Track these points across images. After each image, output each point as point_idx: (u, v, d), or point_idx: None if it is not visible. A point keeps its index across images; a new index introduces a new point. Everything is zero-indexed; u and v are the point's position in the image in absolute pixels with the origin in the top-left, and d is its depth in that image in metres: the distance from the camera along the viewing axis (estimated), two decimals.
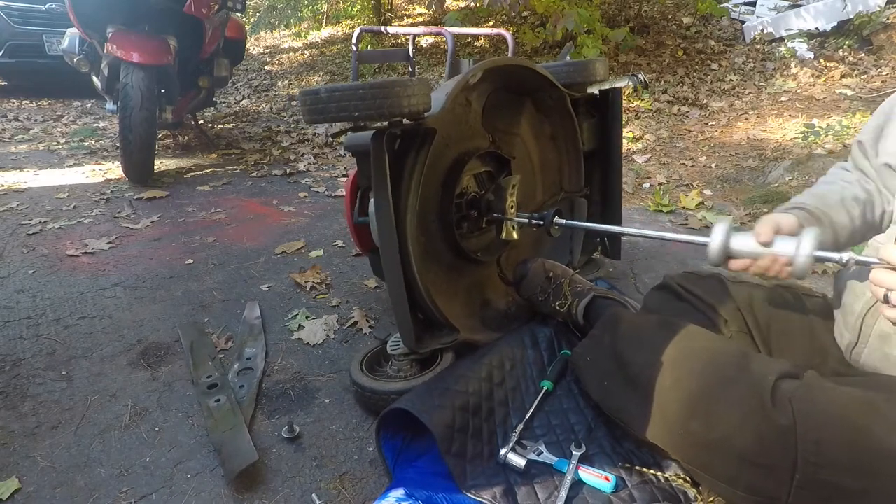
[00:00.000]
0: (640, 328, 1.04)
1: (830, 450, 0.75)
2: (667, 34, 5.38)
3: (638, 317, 1.13)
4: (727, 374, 0.86)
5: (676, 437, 0.88)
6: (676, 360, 0.92)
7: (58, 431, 1.20)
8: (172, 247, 2.20)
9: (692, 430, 0.85)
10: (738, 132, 3.62)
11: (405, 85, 1.02)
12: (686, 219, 2.40)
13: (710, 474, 0.85)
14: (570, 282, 1.37)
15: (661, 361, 0.93)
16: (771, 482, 0.78)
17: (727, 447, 0.81)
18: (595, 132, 1.72)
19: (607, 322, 1.11)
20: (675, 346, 0.94)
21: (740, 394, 0.82)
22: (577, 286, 1.36)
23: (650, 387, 0.92)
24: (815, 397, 0.80)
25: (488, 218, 1.42)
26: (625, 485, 0.95)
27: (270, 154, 3.73)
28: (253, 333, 1.56)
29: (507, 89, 1.49)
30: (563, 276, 1.38)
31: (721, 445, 0.82)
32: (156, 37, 2.93)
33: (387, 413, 1.04)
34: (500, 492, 0.94)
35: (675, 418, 0.88)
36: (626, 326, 1.06)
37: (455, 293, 1.39)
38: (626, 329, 1.05)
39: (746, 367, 0.86)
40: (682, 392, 0.88)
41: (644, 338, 1.00)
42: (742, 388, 0.83)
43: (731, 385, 0.84)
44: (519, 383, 1.21)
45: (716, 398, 0.84)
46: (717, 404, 0.83)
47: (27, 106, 5.45)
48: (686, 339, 0.96)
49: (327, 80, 6.54)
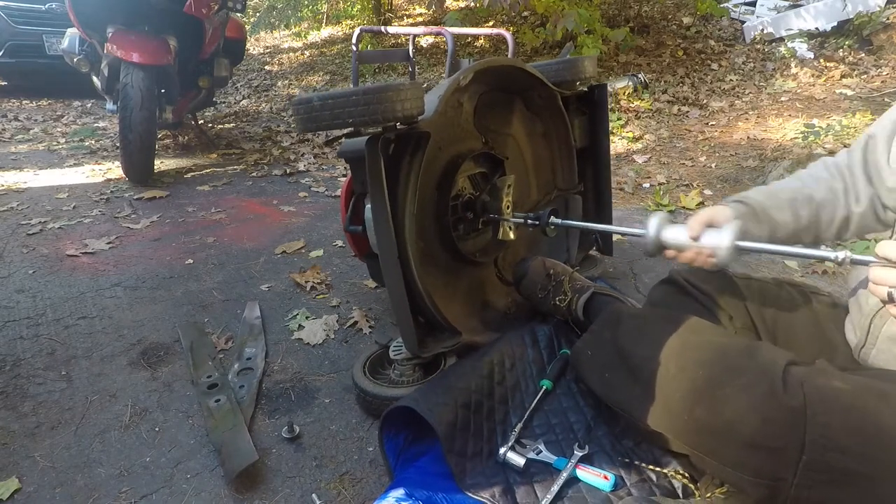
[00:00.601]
0: (642, 322, 1.04)
1: (839, 433, 0.75)
2: (667, 34, 5.38)
3: (639, 312, 1.14)
4: (734, 363, 0.86)
5: (680, 423, 0.88)
6: (681, 351, 0.92)
7: (58, 431, 1.20)
8: (172, 247, 2.20)
9: (697, 416, 0.85)
10: (738, 132, 3.62)
11: (398, 90, 1.02)
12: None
13: (715, 459, 0.85)
14: (570, 279, 1.38)
15: (665, 353, 0.93)
16: (778, 463, 0.78)
17: (734, 431, 0.81)
18: (586, 129, 1.72)
19: (608, 317, 1.11)
20: (678, 337, 0.95)
21: (748, 380, 0.82)
22: (576, 283, 1.37)
23: (653, 377, 0.92)
24: (826, 382, 0.80)
25: (484, 219, 1.42)
26: (624, 483, 0.95)
27: (270, 154, 3.73)
28: (253, 333, 1.56)
29: (498, 90, 1.49)
30: (562, 274, 1.39)
31: (728, 430, 0.82)
32: (156, 37, 2.93)
33: (390, 411, 1.04)
34: (500, 491, 0.94)
35: (680, 406, 0.87)
36: (628, 321, 1.06)
37: (454, 295, 1.39)
38: (627, 324, 1.06)
39: (754, 357, 0.86)
40: (686, 381, 0.88)
41: (646, 331, 1.00)
42: (750, 375, 0.83)
43: (739, 373, 0.84)
44: (518, 382, 1.21)
45: (722, 384, 0.84)
46: (724, 390, 0.83)
47: (27, 106, 5.45)
48: (690, 332, 0.96)
49: (327, 80, 6.54)
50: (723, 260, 0.95)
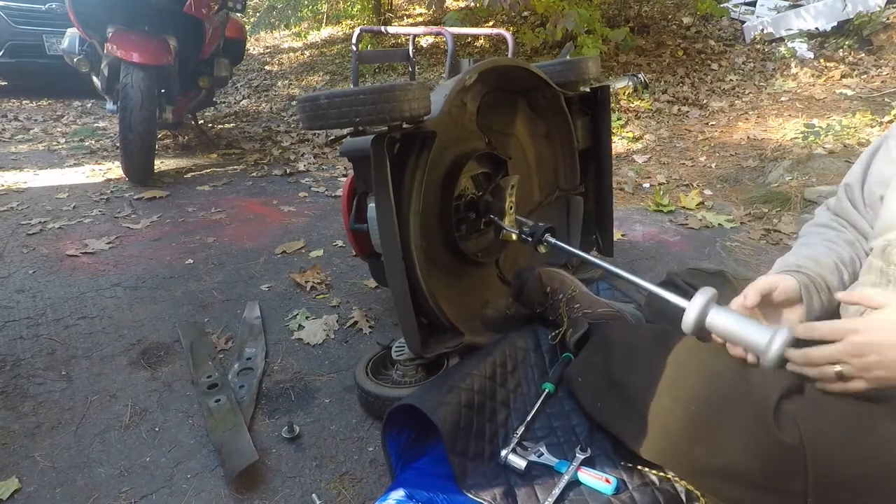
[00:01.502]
0: (634, 350, 1.01)
1: (841, 468, 0.72)
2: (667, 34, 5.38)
3: (630, 334, 1.09)
4: (726, 394, 0.83)
5: (679, 460, 0.86)
6: (674, 380, 0.89)
7: (58, 431, 1.20)
8: (172, 247, 2.20)
9: (696, 457, 0.82)
10: (738, 132, 3.62)
11: (406, 89, 1.02)
12: (686, 219, 2.40)
13: (719, 497, 0.83)
14: (568, 301, 1.31)
15: (658, 381, 0.90)
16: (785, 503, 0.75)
17: (735, 473, 0.78)
18: (589, 130, 1.72)
19: (599, 343, 1.10)
20: (671, 364, 0.91)
21: (743, 416, 0.79)
22: (574, 308, 1.29)
23: (647, 408, 0.89)
24: (819, 414, 0.76)
25: (486, 220, 1.42)
26: (626, 487, 0.95)
27: (270, 154, 3.73)
28: (253, 333, 1.56)
29: (502, 90, 1.49)
30: (560, 291, 1.33)
31: (727, 471, 0.79)
32: (156, 37, 2.93)
33: (394, 409, 1.03)
34: (501, 493, 0.94)
35: (678, 443, 0.85)
36: (619, 348, 1.04)
37: (456, 295, 1.39)
38: (618, 351, 1.03)
39: (746, 385, 0.82)
40: (682, 413, 0.85)
41: (638, 359, 0.98)
42: (744, 409, 0.79)
43: (732, 406, 0.81)
44: (520, 384, 1.20)
45: (718, 422, 0.81)
46: (720, 428, 0.80)
47: (27, 106, 5.45)
48: (682, 354, 0.93)
49: (327, 80, 6.54)
50: (769, 366, 0.83)
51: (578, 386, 1.09)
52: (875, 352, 0.71)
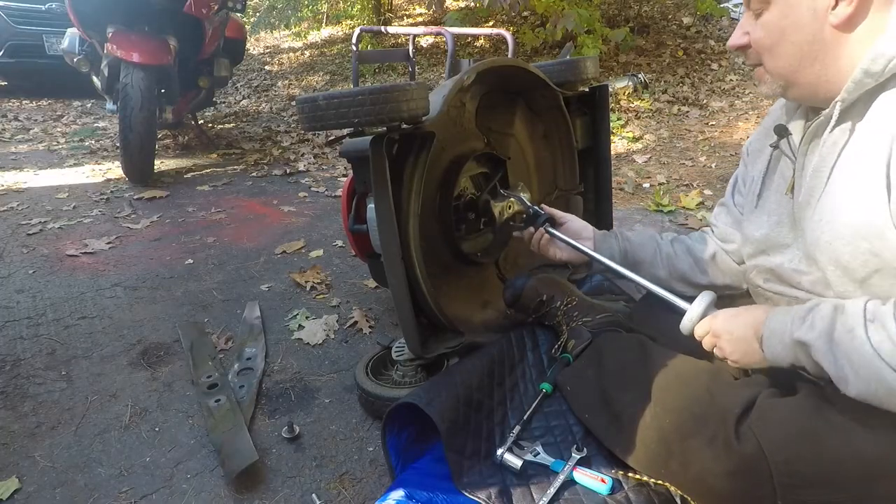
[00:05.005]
0: (623, 364, 1.04)
1: (800, 466, 0.76)
2: (667, 34, 5.38)
3: (620, 348, 1.10)
4: (696, 411, 0.88)
5: (662, 472, 0.90)
6: (655, 396, 0.94)
7: (58, 431, 1.20)
8: (172, 247, 2.20)
9: (673, 470, 0.88)
10: (738, 132, 3.62)
11: (405, 90, 1.02)
12: (686, 219, 2.40)
13: None
14: (566, 311, 1.28)
15: (643, 398, 0.95)
16: None
17: (707, 485, 0.84)
18: (588, 130, 1.72)
19: (592, 356, 1.12)
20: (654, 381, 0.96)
21: (709, 432, 0.84)
22: (572, 317, 1.26)
23: (633, 423, 0.94)
24: (771, 417, 0.81)
25: (485, 219, 1.42)
26: (621, 487, 0.95)
27: (270, 154, 3.73)
28: (253, 333, 1.56)
29: (501, 90, 1.49)
30: (557, 300, 1.30)
31: (701, 484, 0.84)
32: (156, 37, 2.93)
33: (394, 408, 1.03)
34: (496, 492, 0.94)
35: (656, 456, 0.90)
36: (610, 361, 1.07)
37: (455, 295, 1.39)
38: (609, 364, 1.06)
39: (713, 400, 0.88)
40: (659, 430, 0.90)
41: (627, 375, 1.01)
42: (709, 426, 0.85)
43: (701, 422, 0.86)
44: (518, 384, 1.21)
45: (688, 437, 0.86)
46: (690, 443, 0.86)
47: (27, 106, 5.45)
48: (662, 371, 0.97)
49: (327, 80, 6.54)
50: None
51: (569, 393, 1.11)
52: (722, 334, 0.93)
